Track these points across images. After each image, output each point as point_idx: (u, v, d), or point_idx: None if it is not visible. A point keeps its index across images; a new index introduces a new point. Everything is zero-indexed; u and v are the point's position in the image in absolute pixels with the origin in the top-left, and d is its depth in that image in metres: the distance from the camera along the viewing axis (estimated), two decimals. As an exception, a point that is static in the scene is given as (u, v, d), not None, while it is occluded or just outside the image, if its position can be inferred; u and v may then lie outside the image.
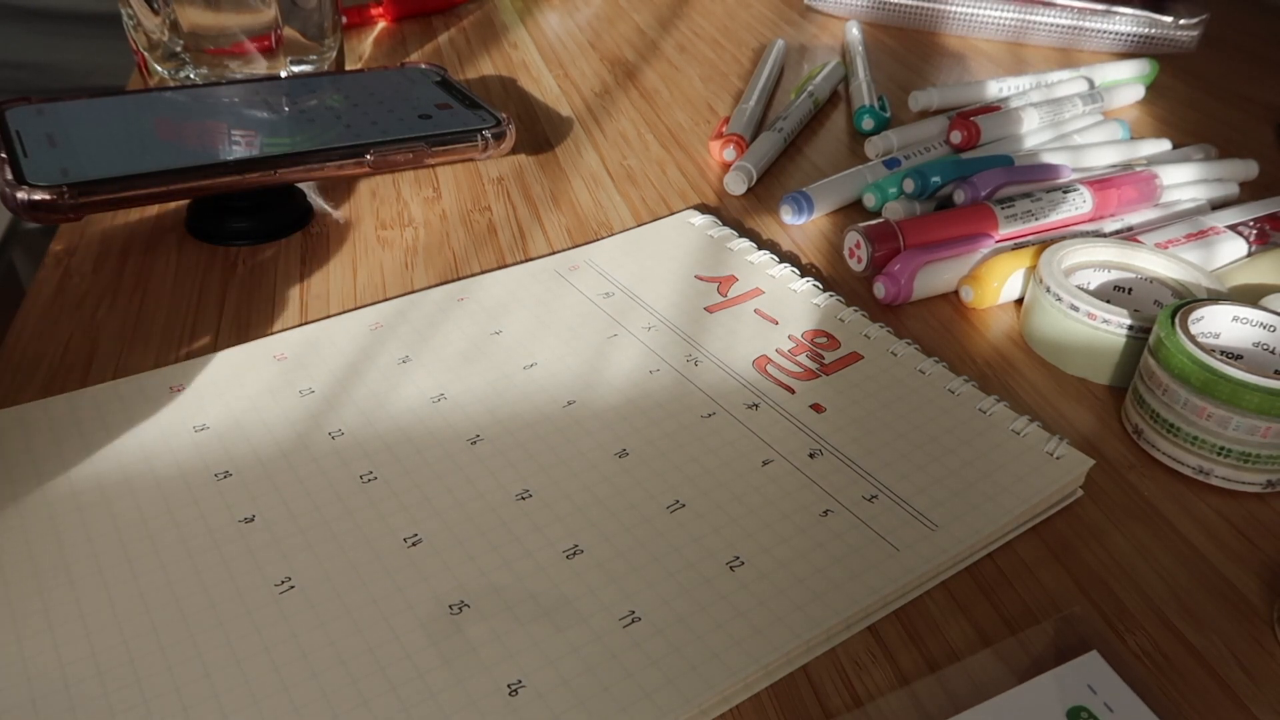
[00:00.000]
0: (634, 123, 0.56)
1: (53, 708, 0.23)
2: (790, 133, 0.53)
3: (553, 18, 0.71)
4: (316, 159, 0.41)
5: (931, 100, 0.56)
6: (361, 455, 0.31)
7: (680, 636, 0.26)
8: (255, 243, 0.42)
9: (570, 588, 0.27)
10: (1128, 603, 0.28)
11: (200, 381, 0.34)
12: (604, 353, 0.36)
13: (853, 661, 0.26)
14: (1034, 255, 0.40)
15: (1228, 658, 0.27)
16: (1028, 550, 0.30)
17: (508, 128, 0.46)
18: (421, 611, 0.26)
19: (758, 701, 0.25)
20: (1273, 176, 0.52)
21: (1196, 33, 0.66)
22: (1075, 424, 0.35)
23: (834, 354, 0.36)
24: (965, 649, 0.27)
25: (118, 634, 0.25)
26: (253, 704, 0.24)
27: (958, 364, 0.37)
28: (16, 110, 0.40)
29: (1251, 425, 0.30)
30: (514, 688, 0.24)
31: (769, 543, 0.28)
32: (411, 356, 0.35)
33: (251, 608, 0.26)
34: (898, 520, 0.29)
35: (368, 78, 0.50)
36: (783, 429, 0.33)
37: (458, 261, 0.42)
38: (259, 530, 0.28)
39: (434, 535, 0.28)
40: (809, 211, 0.46)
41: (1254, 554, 0.30)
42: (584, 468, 0.31)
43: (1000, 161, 0.47)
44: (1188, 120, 0.59)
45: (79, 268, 0.40)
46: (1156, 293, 0.38)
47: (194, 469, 0.30)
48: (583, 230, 0.45)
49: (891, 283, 0.40)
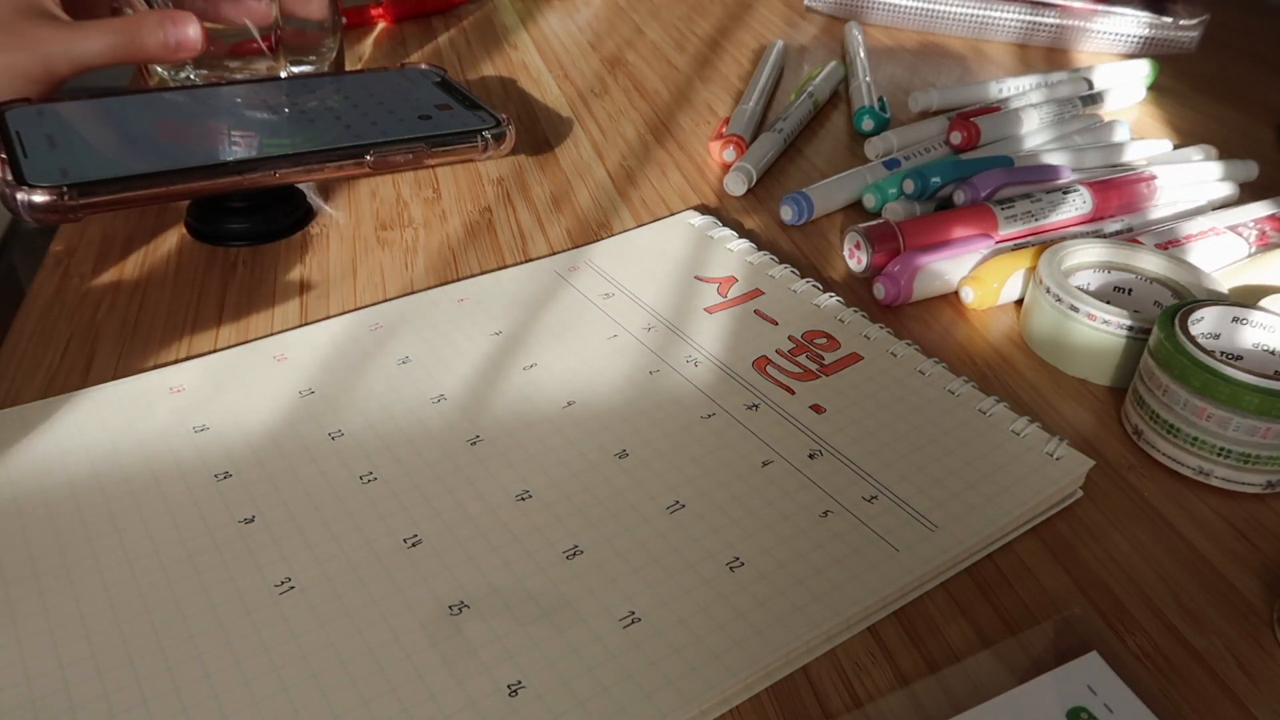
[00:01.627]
0: (634, 124, 0.56)
1: (53, 708, 0.23)
2: (790, 133, 0.53)
3: (553, 19, 0.71)
4: (316, 160, 0.41)
5: (931, 101, 0.56)
6: (361, 456, 0.31)
7: (680, 637, 0.26)
8: (255, 243, 0.42)
9: (570, 588, 0.27)
10: (1128, 603, 0.28)
11: (200, 382, 0.34)
12: (604, 353, 0.36)
13: (853, 662, 0.26)
14: (1034, 256, 0.40)
15: (1228, 659, 0.27)
16: (1028, 551, 0.30)
17: (508, 129, 0.46)
18: (421, 612, 0.26)
19: (758, 702, 0.25)
20: (1273, 177, 0.52)
21: (1197, 33, 0.66)
22: (1075, 425, 0.35)
23: (834, 355, 0.36)
24: (965, 650, 0.27)
25: (117, 634, 0.25)
26: (252, 705, 0.24)
27: (958, 365, 0.37)
28: (17, 111, 0.40)
29: (1251, 426, 0.30)
30: (514, 688, 0.24)
31: (769, 544, 0.28)
32: (411, 357, 0.35)
33: (251, 608, 0.26)
34: (898, 521, 0.29)
35: (367, 78, 0.50)
36: (782, 430, 0.33)
37: (457, 262, 0.42)
38: (259, 531, 0.28)
39: (434, 536, 0.28)
40: (809, 212, 0.46)
41: (1254, 555, 0.30)
42: (584, 468, 0.31)
43: (1000, 162, 0.47)
44: (1188, 121, 0.59)
45: (79, 268, 0.40)
46: (1156, 293, 0.38)
47: (194, 469, 0.30)
48: (583, 231, 0.45)
49: (891, 283, 0.40)
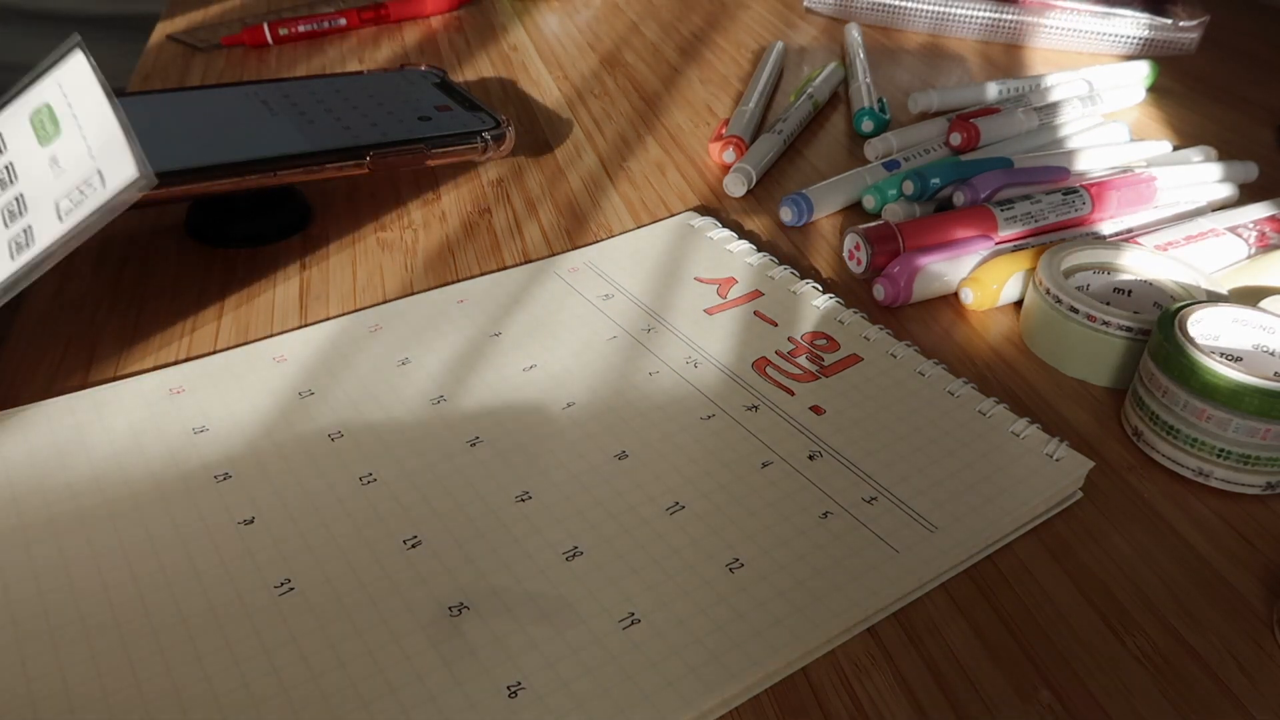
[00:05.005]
0: (633, 125, 0.56)
1: (52, 710, 0.23)
2: (790, 135, 0.53)
3: (552, 20, 0.71)
4: (316, 161, 0.41)
5: (931, 102, 0.56)
6: (361, 457, 0.31)
7: (680, 639, 0.26)
8: (255, 245, 0.42)
9: (570, 590, 0.27)
10: (1127, 605, 0.28)
11: (200, 383, 0.34)
12: (603, 355, 0.36)
13: (852, 664, 0.26)
14: (1033, 257, 0.40)
15: (1227, 660, 0.27)
16: (1027, 552, 0.30)
17: (507, 130, 0.46)
18: (421, 614, 0.26)
19: (757, 704, 0.25)
20: (1272, 178, 0.52)
21: (1196, 35, 0.66)
22: (1075, 426, 0.35)
23: (833, 356, 0.36)
24: (965, 651, 0.27)
25: (117, 636, 0.25)
26: (252, 707, 0.24)
27: (957, 366, 0.37)
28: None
29: (1251, 427, 0.30)
30: (513, 689, 0.24)
31: (768, 545, 0.28)
32: (411, 358, 0.35)
33: (251, 610, 0.26)
34: (897, 522, 0.29)
35: (367, 80, 0.50)
36: (782, 431, 0.33)
37: (457, 263, 0.42)
38: (258, 532, 0.28)
39: (433, 537, 0.28)
40: (808, 213, 0.46)
41: (1254, 556, 0.30)
42: (583, 470, 0.31)
43: (1000, 163, 0.47)
44: (1187, 122, 0.59)
45: (79, 269, 0.40)
46: (1156, 295, 0.38)
47: (193, 471, 0.30)
48: (582, 232, 0.45)
49: (891, 285, 0.40)
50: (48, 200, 0.24)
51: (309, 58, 0.62)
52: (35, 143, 0.26)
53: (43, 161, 0.25)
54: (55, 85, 0.27)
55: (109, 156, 0.24)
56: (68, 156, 0.25)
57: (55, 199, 0.24)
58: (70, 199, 0.24)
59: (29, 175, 0.25)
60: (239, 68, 0.61)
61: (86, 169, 0.24)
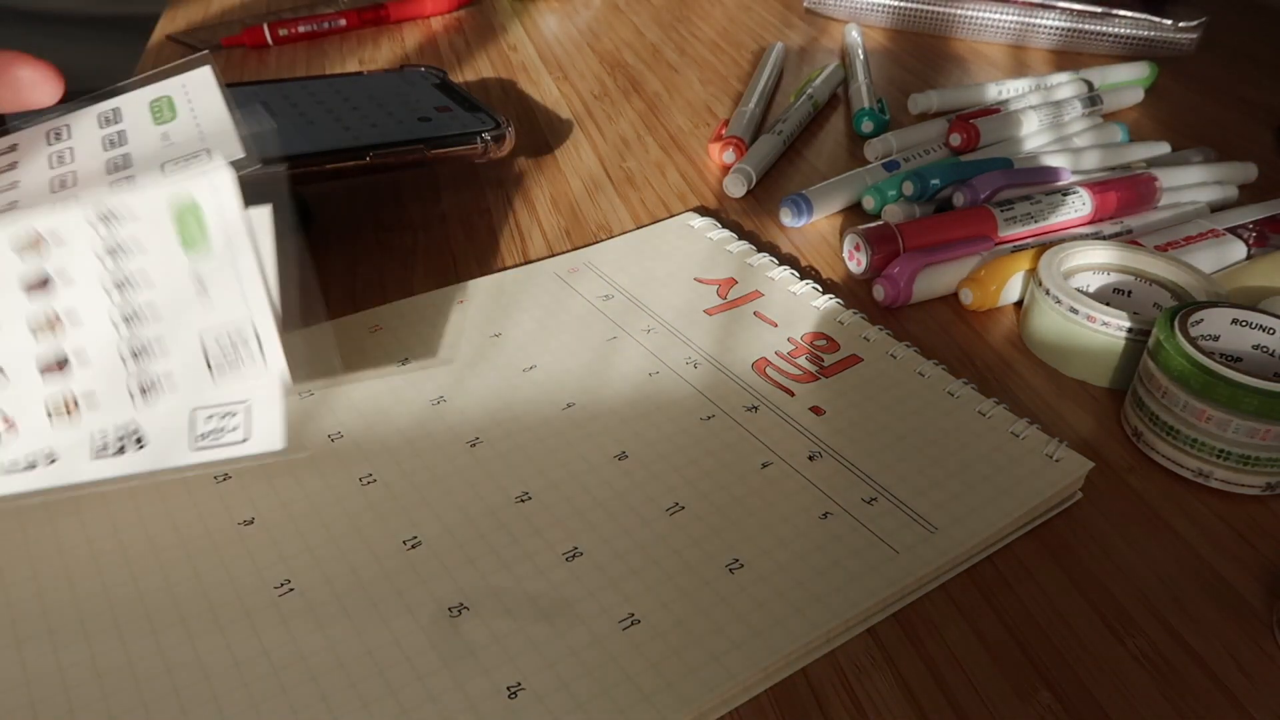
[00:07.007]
0: (633, 125, 0.56)
1: (52, 710, 0.23)
2: (790, 135, 0.53)
3: (552, 20, 0.71)
4: (316, 162, 0.41)
5: (931, 103, 0.56)
6: (361, 458, 0.31)
7: (680, 639, 0.26)
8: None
9: (570, 590, 0.27)
10: (1127, 605, 0.28)
11: (200, 384, 0.34)
12: (603, 355, 0.36)
13: (852, 664, 0.26)
14: (1033, 258, 0.40)
15: (1227, 660, 0.27)
16: (1027, 553, 0.30)
17: (507, 130, 0.46)
18: (421, 614, 0.26)
19: (757, 704, 0.25)
20: (1272, 179, 0.52)
21: (1195, 35, 0.66)
22: (1075, 426, 0.35)
23: (833, 356, 0.36)
24: (965, 652, 0.27)
25: (117, 636, 0.25)
26: (252, 707, 0.24)
27: (957, 366, 0.37)
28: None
29: (1251, 428, 0.30)
30: (513, 690, 0.24)
31: (768, 545, 0.28)
32: (410, 359, 0.35)
33: (251, 610, 0.26)
34: (897, 523, 0.29)
35: (367, 80, 0.50)
36: (782, 431, 0.33)
37: (457, 264, 0.42)
38: (258, 533, 0.28)
39: (433, 538, 0.28)
40: (808, 214, 0.46)
41: (1254, 557, 0.30)
42: (583, 470, 0.31)
43: (1000, 164, 0.47)
44: (1187, 123, 0.59)
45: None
46: (1156, 295, 0.38)
47: (193, 471, 0.30)
48: (582, 233, 0.45)
49: (891, 285, 0.40)
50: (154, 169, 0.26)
51: (309, 58, 0.62)
52: (150, 122, 0.28)
53: (155, 137, 0.27)
54: (180, 85, 0.30)
55: (218, 140, 0.27)
56: (179, 134, 0.27)
57: None
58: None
59: (138, 143, 0.28)
60: (239, 68, 0.61)
61: (195, 146, 0.26)
